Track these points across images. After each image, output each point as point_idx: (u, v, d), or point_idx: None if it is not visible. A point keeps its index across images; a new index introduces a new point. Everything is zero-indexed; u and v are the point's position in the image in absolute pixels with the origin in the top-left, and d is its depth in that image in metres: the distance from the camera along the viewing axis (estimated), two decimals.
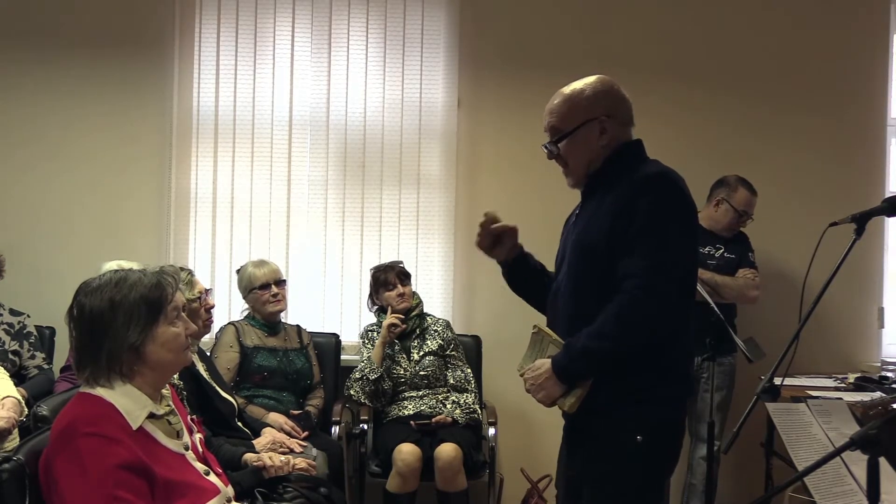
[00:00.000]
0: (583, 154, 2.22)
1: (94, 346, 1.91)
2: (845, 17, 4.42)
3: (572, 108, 2.22)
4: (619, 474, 2.12)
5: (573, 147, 2.22)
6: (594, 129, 2.20)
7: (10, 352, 3.71)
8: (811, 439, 2.06)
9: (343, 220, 4.34)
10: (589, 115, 2.20)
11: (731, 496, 4.23)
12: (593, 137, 2.20)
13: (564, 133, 2.22)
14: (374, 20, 4.34)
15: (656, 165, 2.20)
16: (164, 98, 4.25)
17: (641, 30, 4.38)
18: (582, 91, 2.23)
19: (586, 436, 2.19)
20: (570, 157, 2.23)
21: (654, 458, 2.14)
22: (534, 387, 2.19)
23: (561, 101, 2.24)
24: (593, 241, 2.14)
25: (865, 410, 2.63)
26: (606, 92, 2.24)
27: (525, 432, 4.29)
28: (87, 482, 1.77)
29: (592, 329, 2.09)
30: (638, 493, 2.13)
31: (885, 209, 2.14)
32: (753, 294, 3.95)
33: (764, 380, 2.17)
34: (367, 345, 3.98)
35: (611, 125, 2.21)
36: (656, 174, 2.13)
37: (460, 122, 4.33)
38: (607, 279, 2.10)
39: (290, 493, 2.83)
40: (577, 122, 2.20)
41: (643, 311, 2.06)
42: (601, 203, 2.17)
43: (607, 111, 2.21)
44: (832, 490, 1.92)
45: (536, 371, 2.18)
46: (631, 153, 2.24)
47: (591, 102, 2.21)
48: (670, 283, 2.09)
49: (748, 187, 3.99)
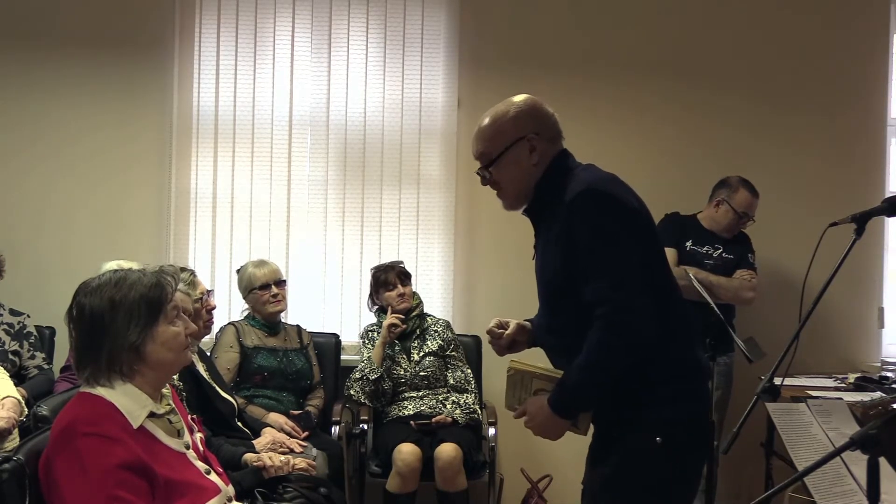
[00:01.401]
0: (515, 175, 2.19)
1: (94, 346, 1.91)
2: (845, 17, 4.42)
3: (498, 130, 2.18)
4: (642, 476, 2.10)
5: (505, 169, 2.19)
6: (524, 149, 2.17)
7: (10, 352, 3.71)
8: (811, 439, 2.06)
9: (343, 220, 4.34)
10: (516, 134, 2.17)
11: (731, 496, 4.23)
12: (524, 157, 2.17)
13: (494, 157, 2.19)
14: (374, 20, 4.34)
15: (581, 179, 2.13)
16: (164, 98, 4.25)
17: (641, 29, 4.38)
18: (506, 112, 2.20)
19: (607, 442, 2.18)
20: (502, 179, 2.20)
21: (679, 454, 2.11)
22: (541, 430, 2.17)
23: (486, 125, 2.21)
24: (552, 276, 2.15)
25: (865, 410, 2.63)
26: (530, 110, 2.20)
27: (525, 432, 4.19)
28: (87, 482, 1.77)
29: (581, 362, 2.06)
30: (666, 492, 2.12)
31: (885, 209, 2.14)
32: (749, 296, 3.94)
33: (764, 380, 2.16)
34: (368, 345, 3.98)
35: (539, 142, 2.18)
36: (579, 193, 2.07)
37: (460, 122, 4.33)
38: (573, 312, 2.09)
39: (290, 493, 2.83)
40: (506, 143, 2.17)
41: (623, 330, 2.03)
42: (549, 232, 2.16)
43: (535, 129, 2.18)
44: (832, 490, 1.92)
45: (536, 418, 2.15)
46: (557, 170, 2.19)
47: (516, 122, 2.18)
48: (637, 292, 2.04)
49: (750, 189, 3.97)
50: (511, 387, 2.25)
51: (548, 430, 2.16)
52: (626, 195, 2.13)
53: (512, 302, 4.21)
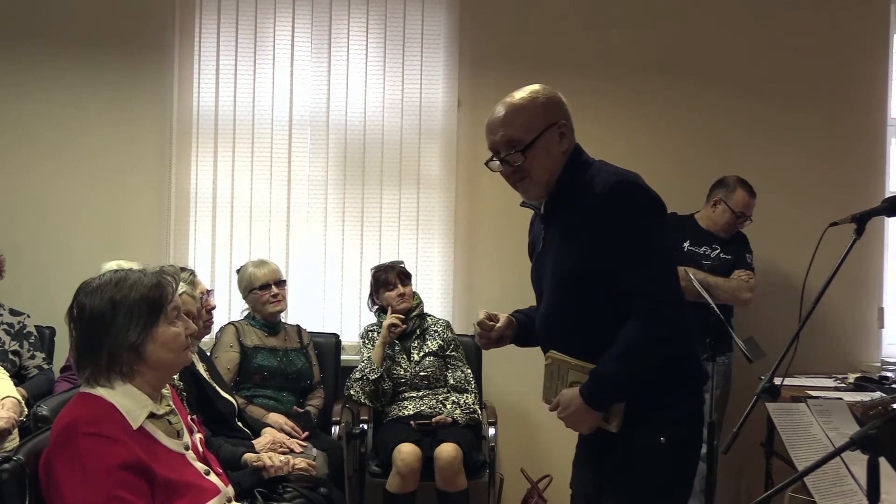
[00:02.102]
0: (546, 162, 2.14)
1: (94, 346, 1.91)
2: (845, 18, 4.42)
3: (531, 115, 2.13)
4: (646, 476, 2.10)
5: (538, 155, 2.13)
6: (555, 136, 2.14)
7: (10, 352, 3.71)
8: (811, 439, 2.06)
9: (343, 220, 4.34)
10: (549, 120, 2.13)
11: (731, 496, 4.23)
12: (554, 144, 2.14)
13: (528, 142, 2.12)
14: (374, 20, 4.34)
15: (607, 172, 2.13)
16: (164, 98, 4.25)
17: (641, 29, 4.38)
18: (535, 98, 2.15)
19: (609, 441, 2.16)
20: (533, 165, 2.14)
21: (680, 455, 2.13)
22: (573, 422, 2.14)
23: (514, 110, 2.14)
24: (571, 268, 2.11)
25: (865, 410, 2.63)
26: (556, 97, 2.18)
27: (525, 432, 4.29)
28: (87, 482, 1.77)
29: (619, 352, 2.04)
30: (667, 492, 2.12)
31: (885, 209, 2.14)
32: (746, 296, 3.93)
33: (764, 380, 2.16)
34: (368, 345, 3.98)
35: (568, 129, 2.16)
36: (614, 185, 2.07)
37: (460, 122, 4.33)
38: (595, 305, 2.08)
39: (290, 493, 2.83)
40: (541, 129, 2.12)
41: (663, 322, 2.04)
42: (567, 229, 2.13)
43: (563, 116, 2.17)
44: (832, 490, 1.92)
45: (568, 409, 2.11)
46: (576, 163, 2.17)
47: (547, 109, 2.14)
48: (672, 287, 2.09)
49: (747, 189, 3.97)
50: (548, 378, 2.21)
51: (579, 422, 2.13)
52: (652, 190, 2.14)
53: (512, 302, 4.19)
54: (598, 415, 2.10)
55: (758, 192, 4.00)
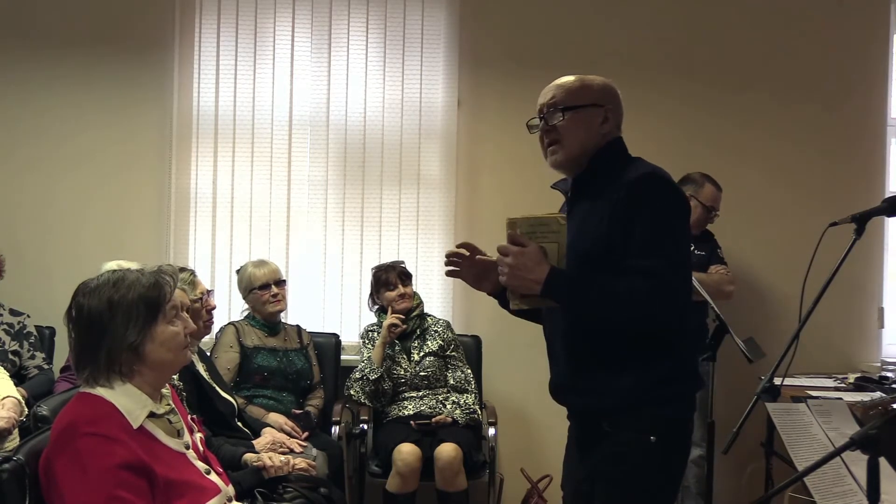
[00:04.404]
0: (582, 134, 2.19)
1: (92, 347, 1.91)
2: (845, 17, 4.42)
3: (584, 88, 2.22)
4: (634, 475, 2.10)
5: (575, 123, 2.19)
6: (599, 115, 2.20)
7: (10, 352, 3.71)
8: (811, 439, 2.06)
9: (343, 220, 4.34)
10: (598, 100, 2.22)
11: (731, 496, 4.23)
12: (596, 121, 2.20)
13: (571, 106, 2.20)
14: (374, 20, 4.34)
15: (642, 163, 2.19)
16: (164, 98, 4.25)
17: (641, 28, 4.38)
18: (594, 80, 2.26)
19: (598, 438, 2.16)
20: (568, 132, 2.19)
21: (668, 456, 2.13)
22: (513, 272, 2.05)
23: (574, 79, 2.24)
24: (590, 246, 2.11)
25: (865, 410, 2.63)
26: (614, 91, 2.27)
27: (525, 432, 4.29)
28: (87, 482, 1.77)
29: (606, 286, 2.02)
30: (653, 492, 2.12)
31: (885, 209, 2.14)
32: (729, 289, 3.95)
33: (764, 380, 2.17)
34: (368, 345, 3.98)
35: (612, 118, 2.22)
36: (650, 174, 2.11)
37: (460, 122, 4.33)
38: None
39: (290, 493, 2.82)
40: (587, 101, 2.20)
41: (659, 301, 2.02)
42: (594, 206, 2.14)
43: (613, 106, 2.24)
44: (832, 490, 1.92)
45: (525, 255, 2.04)
46: (617, 151, 2.24)
47: (602, 91, 2.23)
48: (682, 283, 2.10)
49: (714, 183, 3.99)
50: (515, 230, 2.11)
51: (519, 279, 2.05)
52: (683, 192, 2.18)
53: None
54: (538, 286, 2.03)
55: (758, 192, 4.01)
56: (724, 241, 4.12)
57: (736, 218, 4.29)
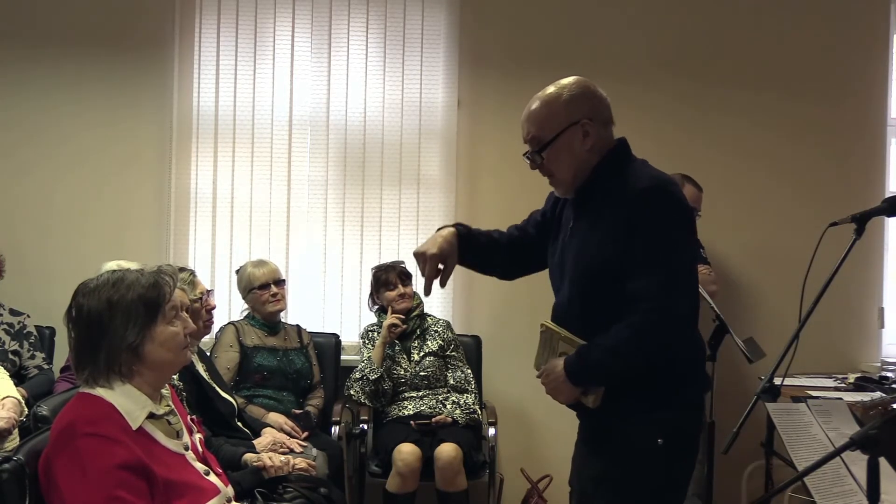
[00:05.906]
0: (568, 161, 2.14)
1: (92, 347, 1.91)
2: (845, 17, 4.42)
3: (552, 113, 2.13)
4: (640, 476, 2.10)
5: (557, 155, 2.14)
6: (577, 134, 2.12)
7: (10, 352, 3.71)
8: (811, 439, 2.06)
9: (343, 220, 4.34)
10: (570, 119, 2.12)
11: (731, 496, 4.23)
12: (577, 142, 2.12)
13: (546, 141, 2.14)
14: (374, 20, 4.34)
15: (647, 173, 2.13)
16: (164, 98, 4.25)
17: (642, 27, 4.38)
18: (559, 95, 2.14)
19: (606, 437, 2.17)
20: (554, 165, 2.15)
21: (675, 459, 2.13)
22: (553, 391, 2.17)
23: (538, 107, 2.15)
24: (594, 261, 2.10)
25: (865, 410, 2.63)
26: (584, 93, 2.16)
27: (525, 432, 4.29)
28: (86, 482, 1.77)
29: (606, 344, 2.05)
30: (659, 493, 2.12)
31: (885, 209, 2.14)
32: (713, 288, 3.94)
33: (764, 380, 2.17)
34: (368, 345, 3.98)
35: (593, 128, 2.14)
36: (650, 188, 2.06)
37: (460, 122, 4.33)
38: (615, 297, 2.07)
39: (290, 493, 2.82)
40: (559, 128, 2.12)
41: (660, 333, 2.03)
42: (598, 218, 2.12)
43: (588, 114, 2.13)
44: (832, 490, 1.92)
45: (551, 375, 2.15)
46: (618, 158, 2.17)
47: (569, 106, 2.12)
48: (683, 299, 2.07)
49: (694, 184, 3.98)
50: (541, 346, 2.26)
51: (559, 392, 2.15)
52: (685, 199, 2.15)
53: (512, 302, 4.23)
54: (576, 389, 2.12)
55: (758, 192, 4.01)
56: (723, 241, 4.13)
57: (736, 218, 4.29)
